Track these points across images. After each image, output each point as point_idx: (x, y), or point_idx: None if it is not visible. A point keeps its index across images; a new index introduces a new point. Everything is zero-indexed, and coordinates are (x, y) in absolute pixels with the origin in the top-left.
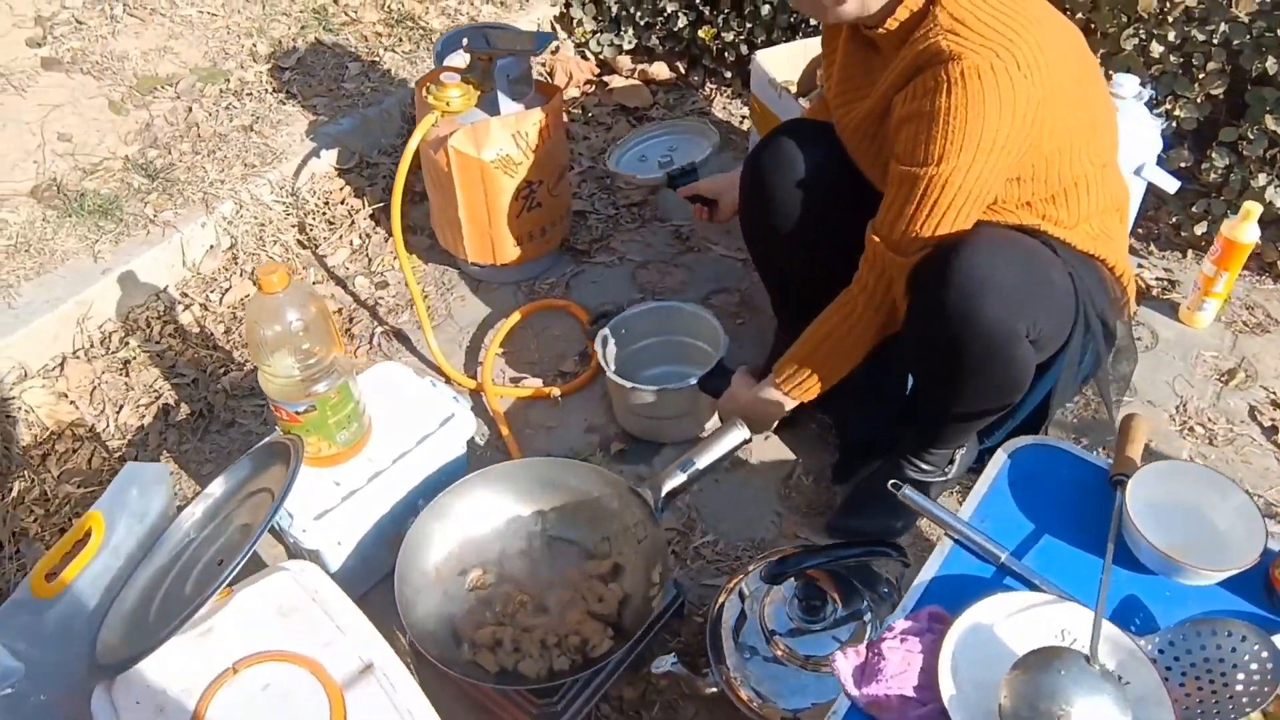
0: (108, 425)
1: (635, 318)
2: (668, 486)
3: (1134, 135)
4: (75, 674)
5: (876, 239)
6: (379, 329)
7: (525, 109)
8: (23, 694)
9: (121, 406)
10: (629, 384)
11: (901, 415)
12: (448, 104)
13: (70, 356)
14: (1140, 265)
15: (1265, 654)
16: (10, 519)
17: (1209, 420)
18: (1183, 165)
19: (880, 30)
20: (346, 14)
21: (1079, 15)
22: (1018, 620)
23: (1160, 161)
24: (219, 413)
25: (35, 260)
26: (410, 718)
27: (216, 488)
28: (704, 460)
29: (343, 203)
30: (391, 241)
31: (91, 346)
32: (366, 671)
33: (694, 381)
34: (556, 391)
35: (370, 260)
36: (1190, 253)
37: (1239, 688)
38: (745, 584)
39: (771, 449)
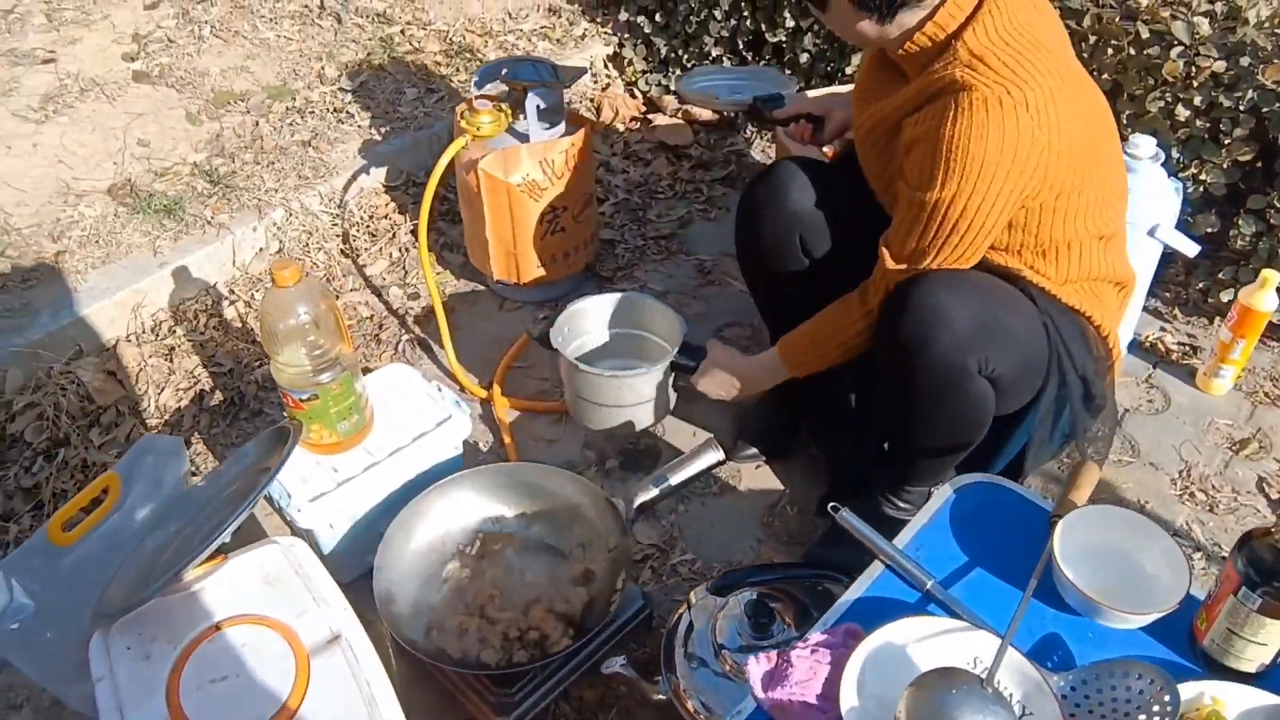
0: (148, 405)
1: (586, 311)
2: (639, 499)
3: (1149, 196)
4: (82, 620)
5: (885, 251)
6: (405, 336)
7: (554, 138)
8: (31, 631)
9: (163, 389)
10: (598, 370)
11: (879, 453)
12: (478, 129)
13: (123, 340)
14: (1163, 329)
15: (1167, 697)
16: (53, 479)
17: (1213, 488)
18: (1210, 230)
19: (900, 53)
20: (411, 43)
21: (1106, 76)
22: (930, 643)
23: (1182, 225)
24: (248, 402)
25: (103, 251)
26: (368, 688)
27: (227, 465)
28: (677, 477)
29: (386, 217)
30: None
31: (142, 332)
32: (334, 642)
33: (667, 363)
34: (562, 407)
35: (406, 272)
36: (1216, 319)
37: None
38: (694, 596)
39: (761, 479)
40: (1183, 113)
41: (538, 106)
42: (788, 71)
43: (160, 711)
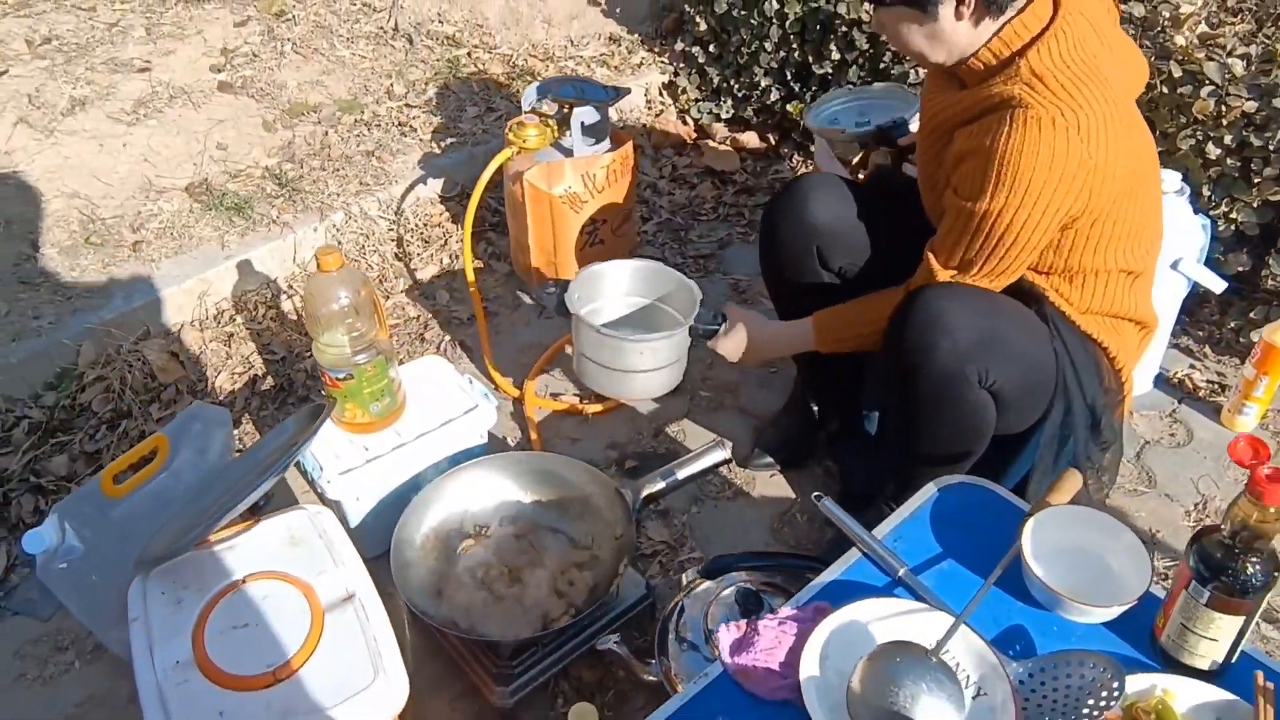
0: (206, 385)
1: (602, 275)
2: (646, 491)
3: (1173, 229)
4: (125, 569)
5: (931, 256)
6: (447, 338)
7: (597, 154)
8: (79, 572)
9: (220, 371)
10: (618, 334)
11: (884, 466)
12: (524, 141)
13: (187, 324)
14: (1193, 366)
15: (1115, 684)
16: (113, 448)
17: None
18: (1241, 269)
19: (963, 67)
20: (476, 65)
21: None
22: (893, 622)
23: (1213, 262)
24: (297, 388)
25: (176, 242)
26: (375, 644)
27: (268, 438)
28: (683, 472)
29: (439, 225)
30: (475, 264)
31: (205, 319)
32: (348, 600)
33: (685, 329)
34: (589, 409)
35: (454, 278)
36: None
37: (1084, 711)
38: (685, 577)
39: (775, 487)
40: (1213, 151)
41: (582, 123)
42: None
43: (185, 651)
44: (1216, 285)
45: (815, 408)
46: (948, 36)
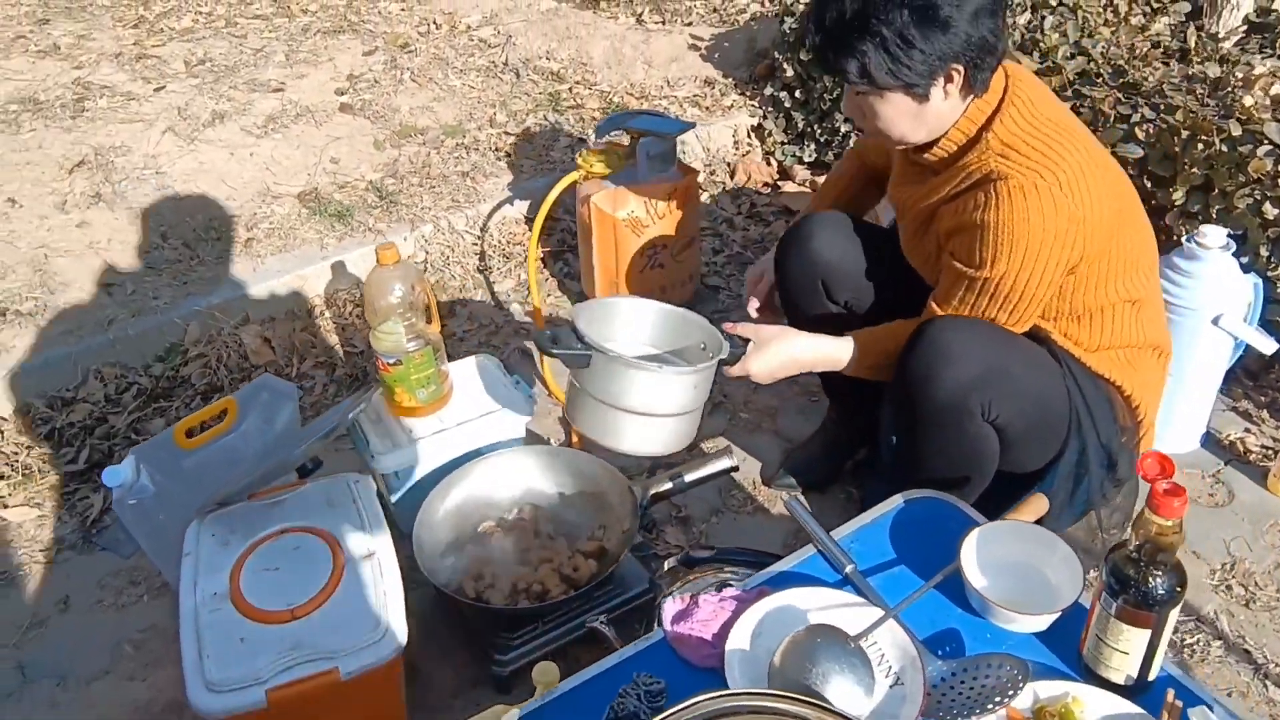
0: (291, 370)
1: (619, 309)
2: (654, 489)
3: (1216, 284)
4: (188, 515)
5: (935, 307)
6: (514, 345)
7: (661, 182)
8: (148, 510)
9: (304, 359)
10: (633, 360)
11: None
12: (591, 166)
13: (281, 315)
14: (1247, 430)
15: (1021, 681)
16: None
17: (1255, 584)
18: None
19: (928, 156)
20: (575, 100)
21: (1195, 170)
22: (829, 612)
23: (1267, 323)
24: (369, 378)
25: (282, 242)
26: (384, 598)
27: (329, 414)
28: (690, 475)
29: (520, 243)
30: (548, 281)
31: (298, 311)
32: (369, 558)
33: (724, 355)
34: None
35: (529, 292)
36: None
37: (989, 705)
38: (667, 564)
39: None
40: (1271, 211)
41: (647, 153)
42: None
43: (223, 585)
44: (1267, 347)
45: (845, 436)
46: (931, 116)
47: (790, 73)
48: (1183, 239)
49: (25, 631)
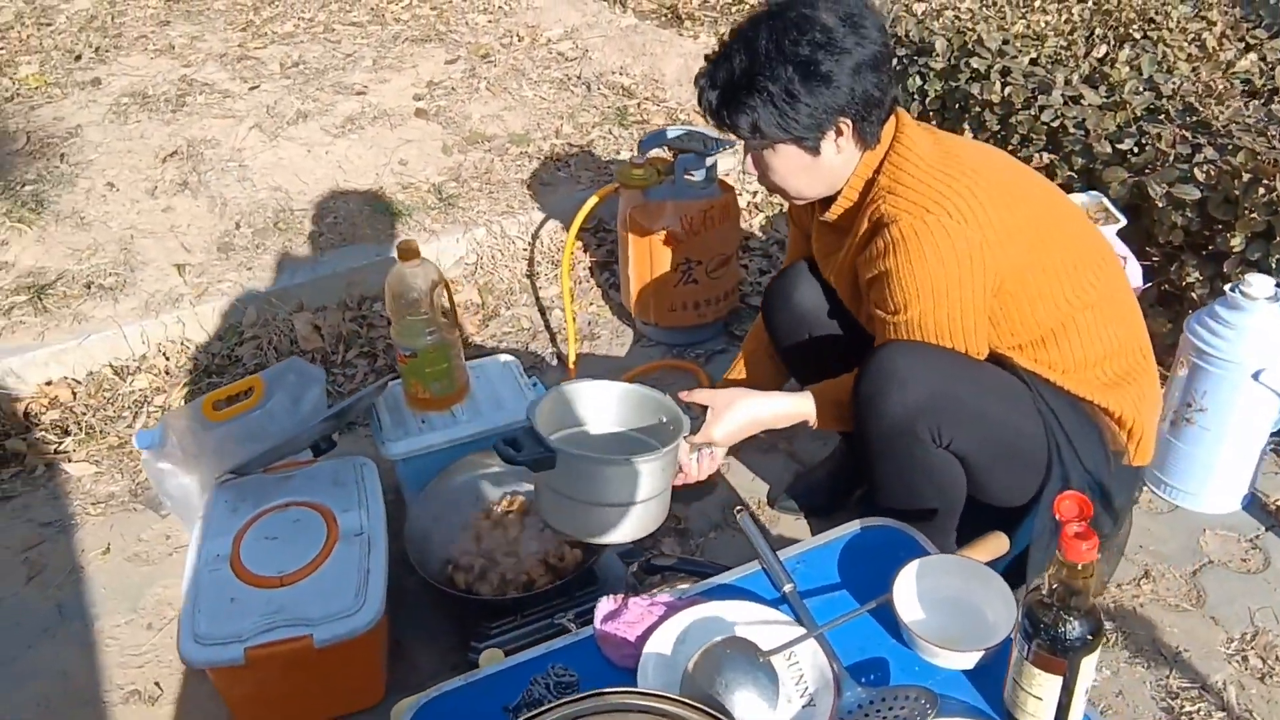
0: (337, 357)
1: (580, 395)
2: None
3: (1260, 336)
4: (211, 479)
5: None
6: (550, 350)
7: (699, 199)
8: (174, 473)
9: (350, 348)
10: (589, 455)
11: None
12: (628, 179)
13: (332, 305)
14: None
15: (929, 711)
16: None
17: (1277, 658)
18: None
19: (830, 216)
20: (641, 115)
21: (1257, 216)
22: (754, 627)
23: None
24: None
25: (342, 236)
26: (366, 575)
27: (352, 399)
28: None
29: (570, 253)
30: (592, 290)
31: (349, 303)
32: (359, 536)
33: (680, 440)
34: None
35: (573, 299)
36: None
37: None
38: (629, 570)
39: (797, 530)
40: None
41: (685, 169)
42: None
43: (226, 548)
44: None
45: (853, 466)
46: (825, 171)
47: None
48: (1227, 287)
49: (69, 575)
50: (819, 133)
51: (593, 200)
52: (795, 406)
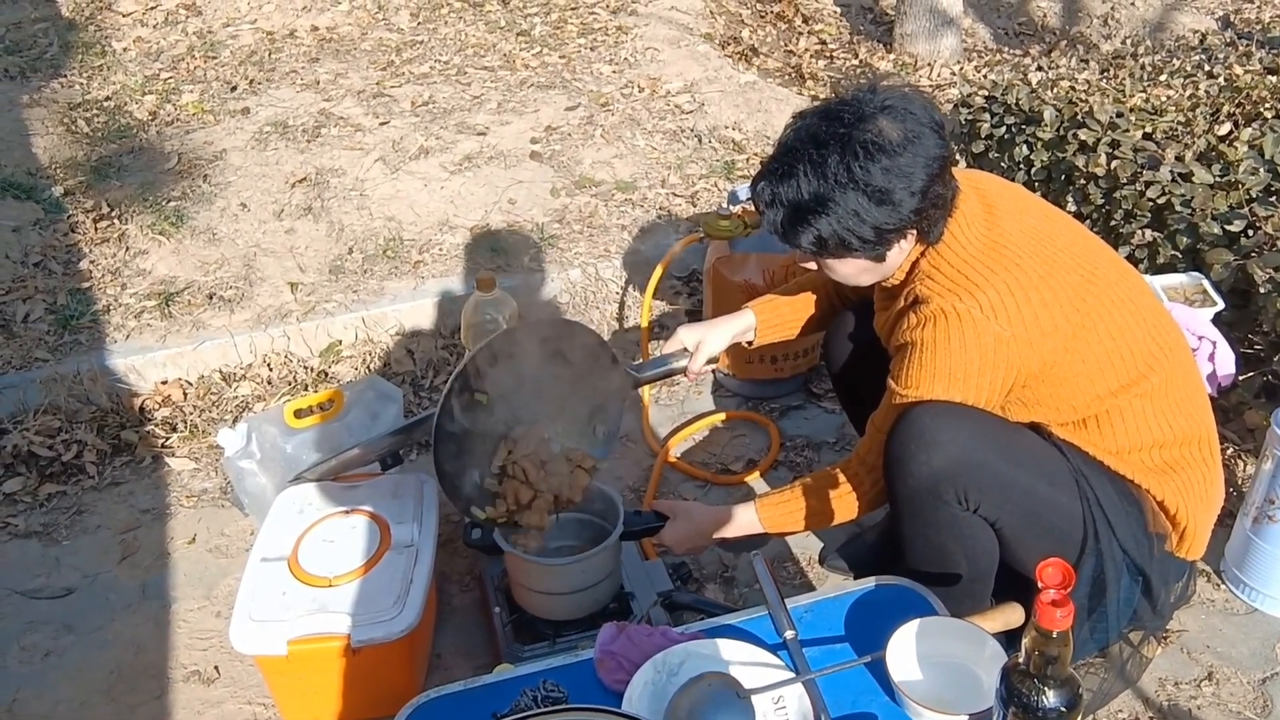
0: (426, 381)
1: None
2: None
3: None
4: (283, 483)
5: (870, 427)
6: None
7: (781, 253)
8: (253, 473)
9: (438, 372)
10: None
11: None
12: (713, 229)
13: (427, 332)
14: None
15: None
16: None
17: None
18: None
19: (883, 286)
20: (748, 171)
21: None
22: (745, 668)
23: None
24: None
25: (445, 267)
26: (410, 583)
27: (422, 416)
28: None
29: (660, 298)
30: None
31: (443, 330)
32: (409, 547)
33: (616, 536)
34: (717, 479)
35: (660, 344)
36: None
37: None
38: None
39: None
40: None
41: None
42: None
43: (288, 547)
44: None
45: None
46: (886, 268)
47: (963, 164)
48: None
49: (156, 559)
50: (886, 247)
51: (675, 248)
52: (740, 520)
